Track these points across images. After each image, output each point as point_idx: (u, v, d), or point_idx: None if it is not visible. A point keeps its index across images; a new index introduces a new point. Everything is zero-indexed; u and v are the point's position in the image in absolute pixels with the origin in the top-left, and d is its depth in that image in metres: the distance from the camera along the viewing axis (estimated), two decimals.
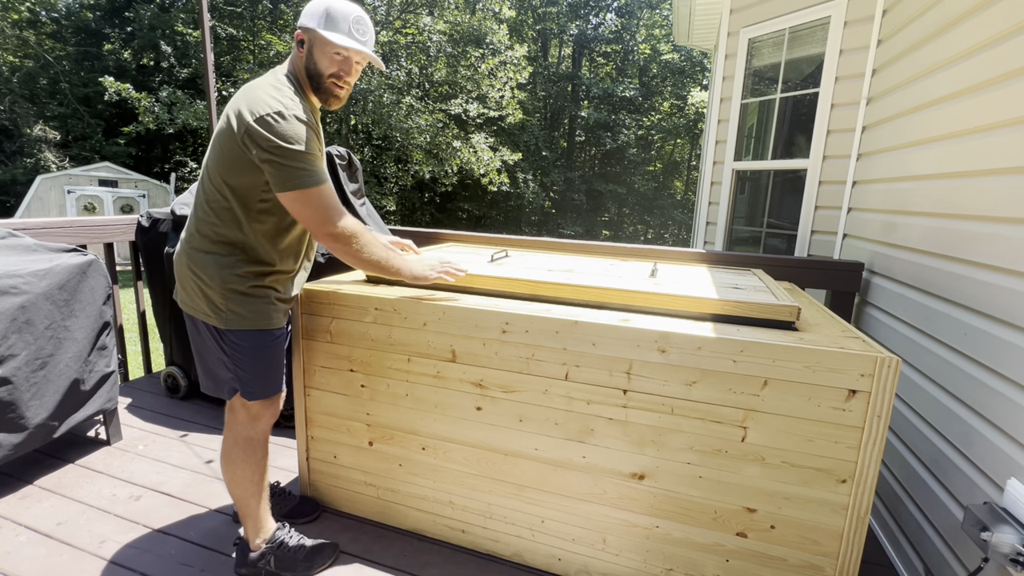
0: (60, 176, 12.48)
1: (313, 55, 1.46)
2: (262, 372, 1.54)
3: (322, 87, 1.49)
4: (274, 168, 1.34)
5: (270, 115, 1.32)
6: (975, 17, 1.74)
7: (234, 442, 1.59)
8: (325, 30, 1.42)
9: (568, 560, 1.70)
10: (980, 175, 1.64)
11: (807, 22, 3.08)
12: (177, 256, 1.52)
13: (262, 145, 1.32)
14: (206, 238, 1.45)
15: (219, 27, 14.05)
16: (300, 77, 1.49)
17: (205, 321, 1.49)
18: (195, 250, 1.46)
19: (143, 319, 3.11)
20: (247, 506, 1.60)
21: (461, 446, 1.74)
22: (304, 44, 1.47)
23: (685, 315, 1.59)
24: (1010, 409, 1.38)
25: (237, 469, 1.59)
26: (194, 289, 1.48)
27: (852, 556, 1.41)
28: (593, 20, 22.50)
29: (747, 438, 1.43)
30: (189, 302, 1.51)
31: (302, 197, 1.37)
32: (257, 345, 1.52)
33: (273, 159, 1.33)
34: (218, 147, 1.41)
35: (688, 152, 22.21)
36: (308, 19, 1.44)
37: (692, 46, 6.17)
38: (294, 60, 1.51)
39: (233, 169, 1.39)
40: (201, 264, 1.45)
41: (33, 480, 2.11)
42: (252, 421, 1.59)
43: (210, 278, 1.44)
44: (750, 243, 3.77)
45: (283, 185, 1.36)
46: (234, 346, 1.50)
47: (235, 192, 1.41)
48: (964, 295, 1.66)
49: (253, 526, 1.62)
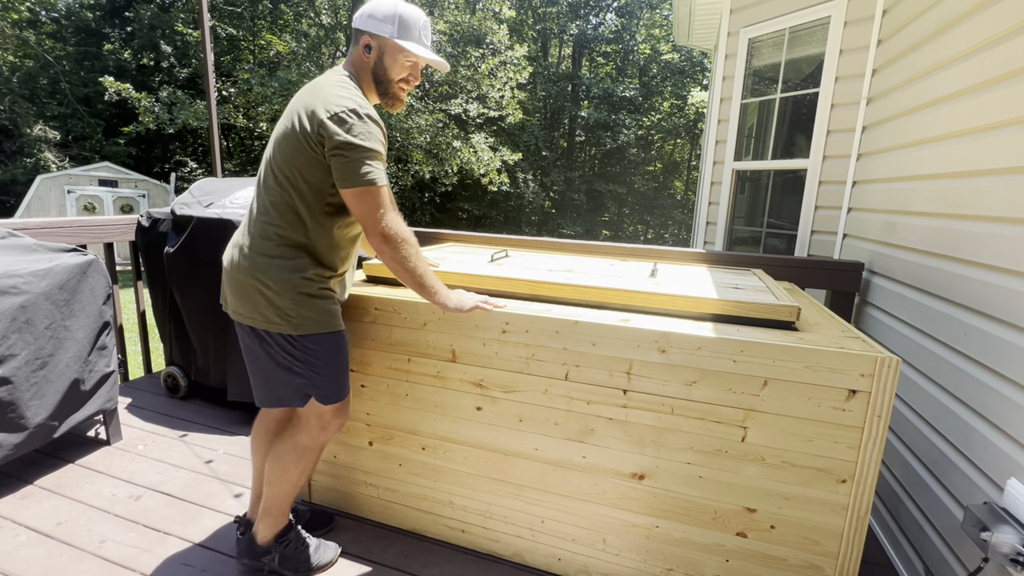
0: (60, 176, 12.48)
1: (384, 62, 1.46)
2: (337, 375, 1.53)
3: (389, 92, 1.50)
4: (342, 163, 1.33)
5: (345, 112, 1.33)
6: (975, 17, 1.74)
7: (293, 448, 1.55)
8: (399, 39, 1.43)
9: (568, 560, 1.70)
10: (980, 175, 1.64)
11: (807, 22, 3.08)
12: (234, 266, 1.47)
13: (335, 141, 1.31)
14: (271, 242, 1.42)
15: (219, 27, 14.05)
16: (363, 80, 1.49)
17: (270, 330, 1.44)
18: (259, 255, 1.42)
19: (143, 319, 3.11)
20: (278, 505, 1.59)
21: (461, 446, 1.74)
22: (372, 50, 1.46)
23: (685, 315, 1.59)
24: (1010, 409, 1.38)
25: (286, 471, 1.55)
26: (257, 298, 1.42)
27: (852, 556, 1.41)
28: (593, 20, 22.50)
29: (747, 438, 1.43)
30: (249, 312, 1.45)
31: (365, 194, 1.36)
32: (332, 348, 1.49)
33: (343, 154, 1.33)
34: (286, 147, 1.39)
35: (688, 152, 22.21)
36: (377, 26, 1.43)
37: (692, 46, 6.17)
38: (356, 63, 1.49)
39: (303, 168, 1.38)
40: (267, 270, 1.41)
41: (33, 480, 2.11)
42: (322, 430, 1.55)
43: (278, 283, 1.40)
44: (750, 243, 3.77)
45: (349, 181, 1.35)
46: (309, 351, 1.46)
47: (302, 193, 1.39)
48: (964, 295, 1.66)
49: (272, 522, 1.61)
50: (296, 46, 13.13)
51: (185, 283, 2.61)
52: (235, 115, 12.73)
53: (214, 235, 2.48)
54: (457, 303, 1.53)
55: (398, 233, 1.41)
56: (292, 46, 13.16)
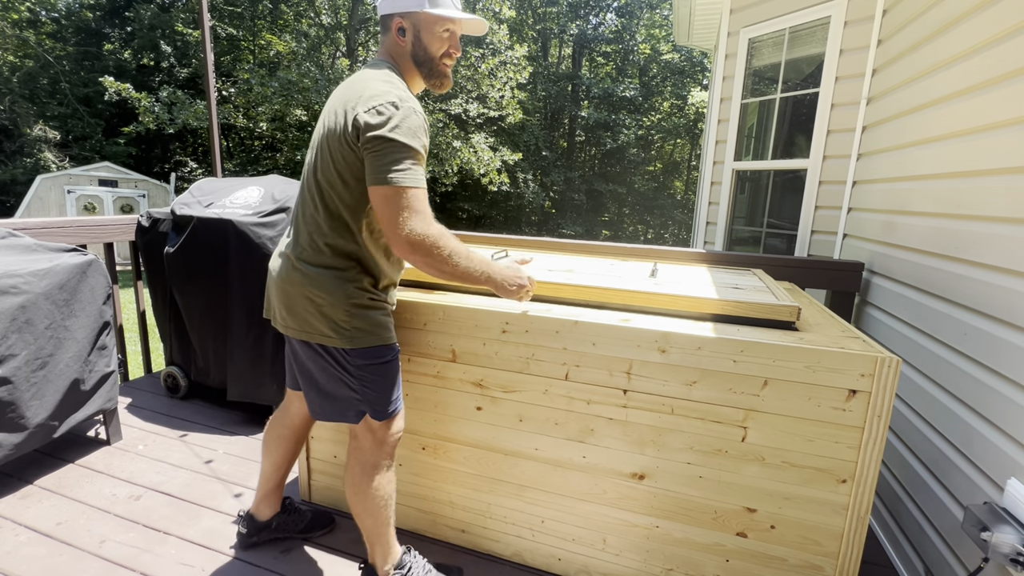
0: (60, 176, 12.48)
1: (422, 39, 1.38)
2: (389, 389, 1.44)
3: (435, 70, 1.42)
4: (374, 157, 1.23)
5: (383, 105, 1.23)
6: (975, 17, 1.74)
7: (362, 471, 1.46)
8: (431, 8, 1.35)
9: (568, 560, 1.70)
10: (980, 175, 1.64)
11: (807, 22, 3.08)
12: (283, 276, 1.38)
13: (368, 135, 1.22)
14: (319, 252, 1.34)
15: (219, 27, 14.05)
16: (404, 68, 1.41)
17: (324, 344, 1.36)
18: (309, 265, 1.34)
19: (143, 319, 3.11)
20: (378, 535, 1.50)
21: (461, 446, 1.74)
22: (406, 32, 1.37)
23: (685, 315, 1.59)
24: (1010, 409, 1.38)
25: (367, 497, 1.46)
26: (308, 310, 1.34)
27: (852, 556, 1.41)
28: (593, 20, 22.50)
29: (747, 438, 1.43)
30: (299, 325, 1.37)
31: (391, 193, 1.23)
32: (385, 361, 1.42)
33: (376, 148, 1.22)
34: (327, 149, 1.31)
35: (688, 152, 22.22)
36: (407, 3, 1.35)
37: (692, 46, 6.17)
38: (392, 51, 1.41)
39: (344, 172, 1.29)
40: (319, 281, 1.32)
41: (33, 480, 2.11)
42: (378, 446, 1.46)
43: (331, 294, 1.32)
44: (750, 243, 3.77)
45: (375, 176, 1.24)
46: (360, 366, 1.38)
47: (344, 199, 1.31)
48: (964, 295, 1.66)
49: (382, 552, 1.52)
50: (296, 46, 13.13)
51: (185, 283, 2.61)
52: (235, 115, 12.73)
53: (214, 235, 2.48)
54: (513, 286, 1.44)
55: (426, 236, 1.26)
56: (292, 46, 13.17)
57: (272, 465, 1.69)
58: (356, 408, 1.43)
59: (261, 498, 1.74)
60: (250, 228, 2.42)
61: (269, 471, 1.70)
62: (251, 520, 1.75)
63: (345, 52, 14.66)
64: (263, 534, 1.76)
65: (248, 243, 2.42)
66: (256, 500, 1.75)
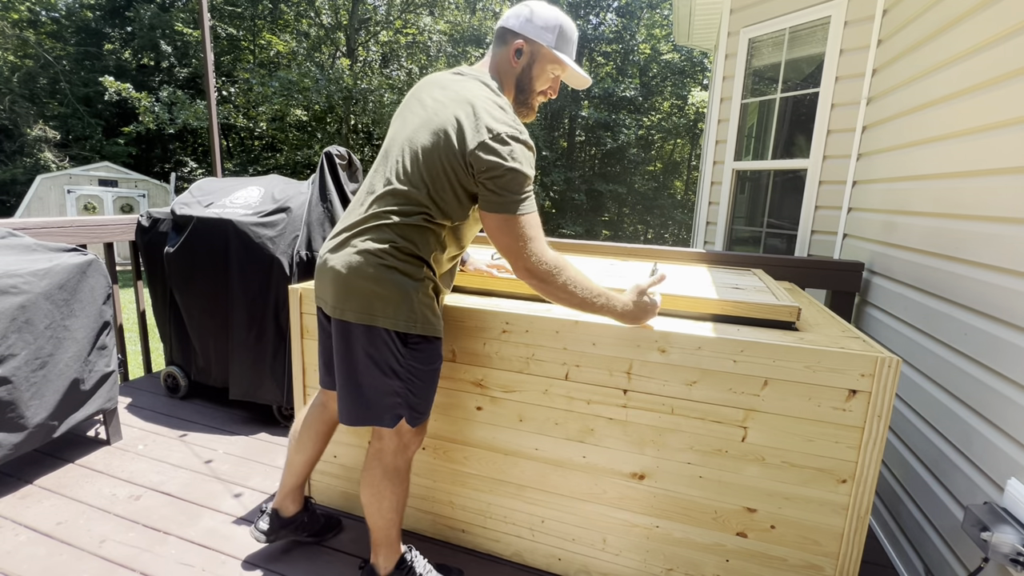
0: (60, 176, 12.48)
1: (532, 70, 1.42)
2: (431, 389, 1.46)
3: (528, 102, 1.46)
4: (494, 187, 1.26)
5: (506, 134, 1.25)
6: (975, 17, 1.74)
7: (383, 474, 1.46)
8: (558, 50, 1.39)
9: (568, 560, 1.70)
10: (980, 175, 1.64)
11: (807, 22, 3.08)
12: (343, 264, 1.35)
13: (491, 163, 1.23)
14: (388, 247, 1.33)
15: (219, 27, 14.05)
16: (505, 85, 1.43)
17: (382, 325, 1.33)
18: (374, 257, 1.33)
19: (143, 319, 3.11)
20: (387, 535, 1.51)
21: (461, 446, 1.74)
22: (523, 55, 1.40)
23: (685, 315, 1.59)
24: (1010, 409, 1.38)
25: (384, 500, 1.47)
26: (369, 295, 1.32)
27: (852, 556, 1.41)
28: (593, 20, 22.49)
29: (747, 438, 1.43)
30: (359, 308, 1.33)
31: (511, 223, 1.28)
32: (433, 356, 1.42)
33: (497, 178, 1.25)
34: (430, 157, 1.29)
35: (688, 152, 22.22)
36: (537, 32, 1.38)
37: (692, 46, 6.17)
38: (501, 68, 1.42)
39: (442, 187, 1.30)
40: (381, 273, 1.32)
41: (33, 480, 2.11)
42: (402, 450, 1.47)
43: (396, 285, 1.32)
44: (750, 243, 3.77)
45: (494, 206, 1.27)
46: (414, 356, 1.37)
47: (430, 208, 1.32)
48: (964, 295, 1.66)
49: (387, 552, 1.52)
50: (296, 46, 13.13)
51: (185, 283, 2.61)
52: (235, 115, 12.74)
53: (214, 235, 2.48)
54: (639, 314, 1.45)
55: (547, 265, 1.31)
56: (292, 46, 13.17)
57: (305, 461, 1.68)
58: (395, 412, 1.40)
59: (287, 493, 1.71)
60: (250, 228, 2.43)
61: (300, 467, 1.68)
62: (276, 516, 1.72)
63: (345, 52, 14.65)
64: (284, 531, 1.74)
65: (248, 243, 2.42)
66: (281, 496, 1.72)
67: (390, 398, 1.39)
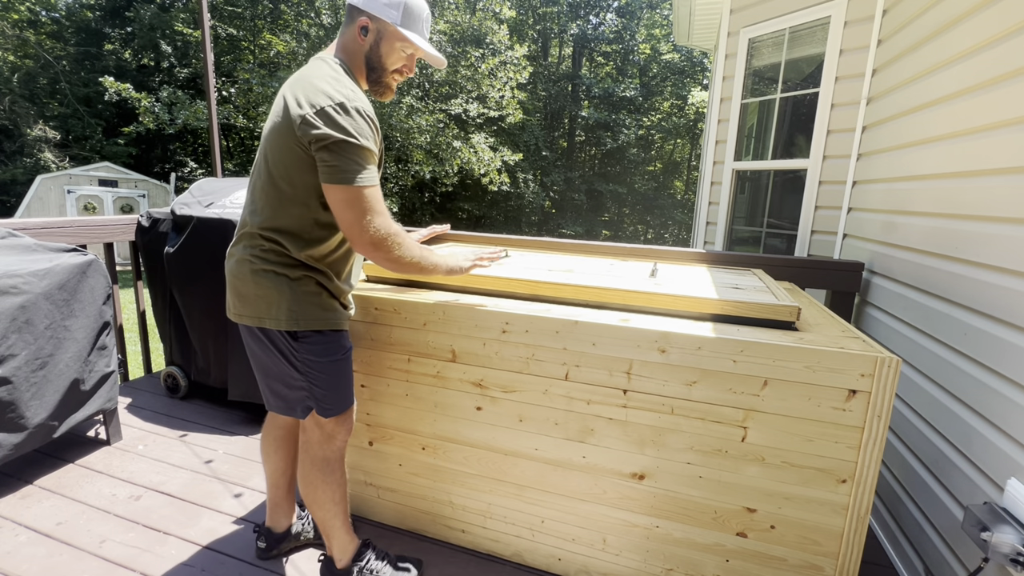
0: (60, 176, 12.48)
1: (380, 48, 1.39)
2: (338, 384, 1.47)
3: (382, 80, 1.43)
4: (326, 160, 1.25)
5: (332, 106, 1.24)
6: (975, 17, 1.74)
7: (311, 464, 1.50)
8: (403, 27, 1.37)
9: (568, 560, 1.70)
10: (980, 175, 1.64)
11: (807, 22, 3.08)
12: (232, 266, 1.41)
13: (319, 135, 1.23)
14: (267, 242, 1.36)
15: (219, 27, 14.04)
16: (354, 65, 1.41)
17: (269, 327, 1.37)
18: (255, 256, 1.37)
19: (143, 319, 3.11)
20: (331, 526, 1.54)
21: (461, 446, 1.74)
22: (369, 33, 1.37)
23: (685, 315, 1.59)
24: (1010, 409, 1.38)
25: (317, 491, 1.50)
26: (255, 296, 1.36)
27: (852, 556, 1.41)
28: (593, 20, 22.50)
29: (747, 438, 1.43)
30: (248, 311, 1.38)
31: (351, 194, 1.27)
32: (332, 350, 1.43)
33: (328, 150, 1.24)
34: (274, 144, 1.31)
35: (688, 152, 22.21)
36: (381, 9, 1.35)
37: (692, 46, 6.17)
38: (347, 47, 1.40)
39: (292, 167, 1.30)
40: (264, 270, 1.36)
41: (33, 480, 2.11)
42: (327, 441, 1.49)
43: (276, 282, 1.35)
44: (750, 243, 3.76)
45: (332, 177, 1.26)
46: (308, 351, 1.40)
47: (286, 193, 1.33)
48: (964, 295, 1.66)
49: (338, 544, 1.56)
50: (296, 46, 13.11)
51: (185, 283, 2.61)
52: (235, 115, 12.73)
53: (214, 235, 2.48)
54: (455, 265, 1.57)
55: (387, 235, 1.33)
56: (292, 46, 13.15)
57: (276, 471, 1.68)
58: (304, 403, 1.46)
59: (273, 508, 1.71)
60: None
61: (275, 477, 1.69)
62: (269, 534, 1.73)
63: None
64: (284, 544, 1.74)
65: None
66: (269, 511, 1.72)
67: (296, 392, 1.45)
